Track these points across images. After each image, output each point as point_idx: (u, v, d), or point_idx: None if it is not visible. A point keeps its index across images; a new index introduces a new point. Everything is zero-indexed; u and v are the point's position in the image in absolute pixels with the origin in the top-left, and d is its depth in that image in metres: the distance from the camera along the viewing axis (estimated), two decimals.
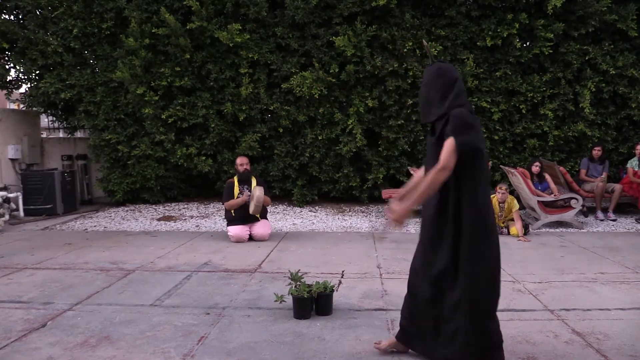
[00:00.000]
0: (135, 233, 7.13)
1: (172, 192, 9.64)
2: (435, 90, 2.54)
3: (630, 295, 4.05)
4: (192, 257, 5.51)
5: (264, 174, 9.06)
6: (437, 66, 2.60)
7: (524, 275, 4.66)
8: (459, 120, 2.38)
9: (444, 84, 2.52)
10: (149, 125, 8.89)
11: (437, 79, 2.54)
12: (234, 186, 6.28)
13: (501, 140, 8.82)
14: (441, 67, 2.59)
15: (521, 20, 8.24)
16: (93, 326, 3.50)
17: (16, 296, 4.21)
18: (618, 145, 8.80)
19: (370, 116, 8.67)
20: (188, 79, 8.75)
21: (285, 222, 7.79)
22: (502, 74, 8.50)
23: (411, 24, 8.40)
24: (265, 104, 8.80)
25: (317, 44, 8.59)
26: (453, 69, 2.60)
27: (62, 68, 9.10)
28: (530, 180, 7.12)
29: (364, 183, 9.03)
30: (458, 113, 2.41)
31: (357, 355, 3.00)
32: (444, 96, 2.50)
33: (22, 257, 5.61)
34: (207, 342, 3.22)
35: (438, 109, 2.49)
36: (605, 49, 8.38)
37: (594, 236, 6.53)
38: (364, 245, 6.06)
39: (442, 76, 2.54)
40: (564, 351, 3.03)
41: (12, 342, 3.24)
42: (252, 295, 4.16)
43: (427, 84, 2.60)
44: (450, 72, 2.57)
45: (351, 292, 4.17)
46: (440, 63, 2.62)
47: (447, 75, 2.55)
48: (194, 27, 8.46)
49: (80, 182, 10.16)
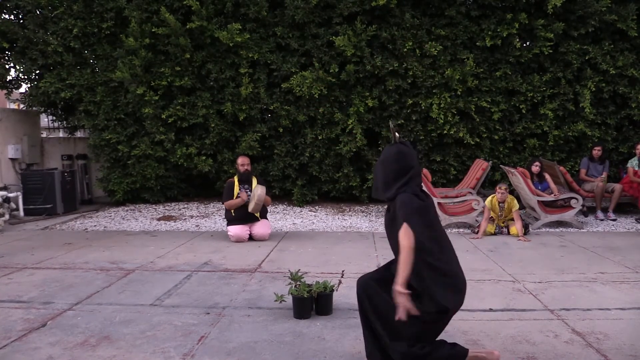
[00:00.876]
0: (135, 233, 7.13)
1: (172, 192, 9.64)
2: (389, 171, 2.58)
3: (630, 295, 4.05)
4: (192, 257, 5.51)
5: (264, 173, 9.06)
6: (396, 149, 2.60)
7: (524, 275, 4.66)
8: (408, 208, 2.46)
9: (400, 169, 2.55)
10: (149, 125, 8.89)
11: (394, 163, 2.57)
12: (234, 186, 6.28)
13: (501, 140, 8.82)
14: (400, 151, 2.59)
15: (521, 20, 8.24)
16: (93, 326, 3.50)
17: (16, 296, 4.21)
18: (618, 145, 8.81)
19: (370, 116, 8.67)
20: (188, 78, 8.75)
21: (285, 222, 7.79)
22: (502, 74, 8.50)
23: (411, 24, 8.40)
24: (265, 104, 8.80)
25: (317, 43, 8.59)
26: (412, 155, 2.61)
27: (62, 68, 9.10)
28: (530, 180, 7.11)
29: (364, 183, 9.03)
30: (406, 199, 2.48)
31: (357, 355, 3.00)
32: (396, 179, 2.54)
33: (22, 257, 5.61)
34: (207, 341, 3.22)
35: (389, 192, 2.56)
36: (605, 48, 8.38)
37: (594, 236, 6.52)
38: (364, 245, 6.06)
39: (399, 161, 2.57)
40: (564, 351, 3.03)
41: (12, 342, 3.24)
42: (252, 295, 4.16)
43: (383, 163, 2.62)
44: (408, 158, 2.58)
45: (351, 292, 4.15)
46: (401, 146, 2.61)
47: (404, 160, 2.57)
48: (194, 26, 8.46)
49: (80, 182, 10.16)
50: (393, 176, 2.56)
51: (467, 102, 8.50)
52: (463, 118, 8.67)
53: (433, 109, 8.39)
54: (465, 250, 5.74)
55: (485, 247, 5.89)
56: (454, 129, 8.54)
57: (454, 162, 8.88)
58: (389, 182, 2.56)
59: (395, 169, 2.56)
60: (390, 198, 2.56)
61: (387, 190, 2.58)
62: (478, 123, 8.63)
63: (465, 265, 5.04)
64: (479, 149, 8.83)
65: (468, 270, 4.80)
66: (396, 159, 2.58)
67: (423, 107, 8.48)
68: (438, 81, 8.43)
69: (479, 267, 4.96)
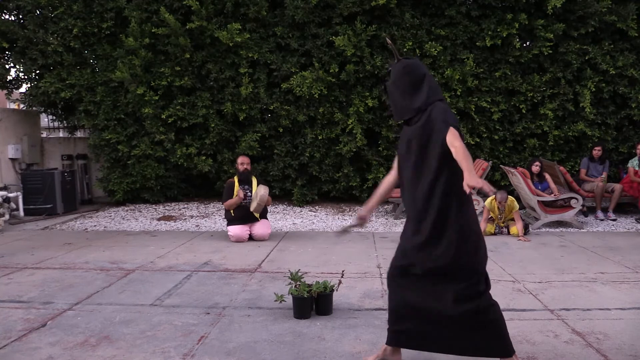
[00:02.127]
0: (135, 233, 7.13)
1: (172, 192, 9.64)
2: (405, 87, 2.50)
3: (630, 295, 4.05)
4: (192, 257, 5.51)
5: (264, 173, 9.06)
6: (402, 64, 2.54)
7: (524, 275, 4.66)
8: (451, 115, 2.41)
9: (414, 80, 2.49)
10: (149, 125, 8.89)
11: (405, 76, 2.50)
12: (234, 186, 6.28)
13: (501, 140, 8.82)
14: (407, 65, 2.53)
15: (521, 20, 8.24)
16: (93, 326, 3.50)
17: (16, 296, 4.21)
18: (618, 145, 8.80)
19: (370, 116, 8.67)
20: (188, 78, 8.75)
21: (285, 222, 7.79)
22: (502, 74, 8.50)
23: (411, 24, 8.40)
24: (265, 104, 8.80)
25: (317, 43, 8.59)
26: (419, 64, 2.55)
27: (62, 68, 9.11)
28: (530, 180, 7.11)
29: (364, 183, 9.03)
30: (446, 107, 2.43)
31: (357, 355, 3.00)
32: (415, 91, 2.47)
33: (22, 257, 5.61)
34: (207, 341, 3.22)
35: (417, 101, 2.45)
36: (605, 48, 8.38)
37: (594, 236, 6.53)
38: (364, 245, 6.06)
39: (410, 73, 2.51)
40: (564, 351, 3.03)
41: (12, 342, 3.24)
42: (252, 295, 4.16)
43: (395, 82, 2.55)
44: (417, 68, 2.52)
45: (351, 292, 4.17)
46: (406, 60, 2.55)
47: (414, 71, 2.51)
48: (193, 26, 8.46)
49: (80, 182, 10.16)
50: (410, 89, 2.47)
51: (467, 102, 8.51)
52: (463, 118, 8.67)
53: None
54: None
55: None
56: None
57: None
58: (408, 94, 2.46)
59: (408, 81, 2.48)
60: (421, 108, 2.44)
61: (413, 101, 2.43)
62: (478, 123, 8.64)
63: None
64: (479, 149, 8.83)
65: None
66: (406, 72, 2.50)
67: None
68: (438, 81, 8.42)
69: None
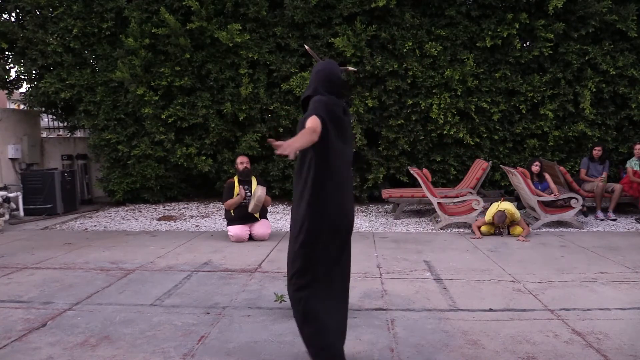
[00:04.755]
0: (135, 233, 7.13)
1: (172, 192, 9.64)
2: (312, 79, 2.87)
3: (630, 295, 4.05)
4: (192, 257, 5.51)
5: (264, 173, 9.06)
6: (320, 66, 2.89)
7: (524, 275, 4.66)
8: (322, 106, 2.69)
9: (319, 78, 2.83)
10: (149, 125, 8.89)
11: (316, 74, 2.85)
12: (234, 186, 6.28)
13: (501, 140, 8.83)
14: (318, 64, 2.90)
15: (521, 20, 8.25)
16: (93, 326, 3.50)
17: (16, 296, 4.21)
18: (618, 145, 8.81)
19: (370, 116, 8.67)
20: (188, 78, 8.76)
21: (285, 222, 7.79)
22: (502, 74, 8.50)
23: (411, 24, 8.40)
24: (265, 104, 8.80)
25: (317, 44, 8.59)
26: (325, 64, 2.87)
27: (62, 68, 9.11)
28: (530, 180, 7.11)
29: (364, 183, 9.03)
30: (323, 98, 2.73)
31: (357, 355, 3.00)
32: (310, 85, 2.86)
33: (22, 257, 5.61)
34: (207, 341, 3.22)
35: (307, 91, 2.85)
36: (605, 49, 8.38)
37: (594, 236, 6.52)
38: (364, 245, 6.06)
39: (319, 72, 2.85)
40: (564, 351, 3.03)
41: (12, 342, 3.24)
42: (252, 295, 4.16)
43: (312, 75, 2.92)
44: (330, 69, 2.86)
45: (351, 292, 4.13)
46: (323, 63, 2.90)
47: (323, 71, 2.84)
48: (193, 27, 8.46)
49: (80, 182, 10.16)
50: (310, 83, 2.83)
51: (467, 102, 8.51)
52: (463, 118, 8.67)
53: (433, 109, 8.40)
54: (465, 250, 5.73)
55: (485, 247, 5.89)
56: (454, 129, 8.55)
57: (454, 162, 8.88)
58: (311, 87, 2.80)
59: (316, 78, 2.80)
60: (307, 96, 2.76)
61: (305, 92, 2.83)
62: (478, 123, 8.64)
63: (465, 265, 5.07)
64: (479, 149, 8.84)
65: (468, 270, 4.83)
66: (317, 70, 2.84)
67: (423, 108, 8.48)
68: (438, 81, 8.43)
69: (479, 267, 4.96)
